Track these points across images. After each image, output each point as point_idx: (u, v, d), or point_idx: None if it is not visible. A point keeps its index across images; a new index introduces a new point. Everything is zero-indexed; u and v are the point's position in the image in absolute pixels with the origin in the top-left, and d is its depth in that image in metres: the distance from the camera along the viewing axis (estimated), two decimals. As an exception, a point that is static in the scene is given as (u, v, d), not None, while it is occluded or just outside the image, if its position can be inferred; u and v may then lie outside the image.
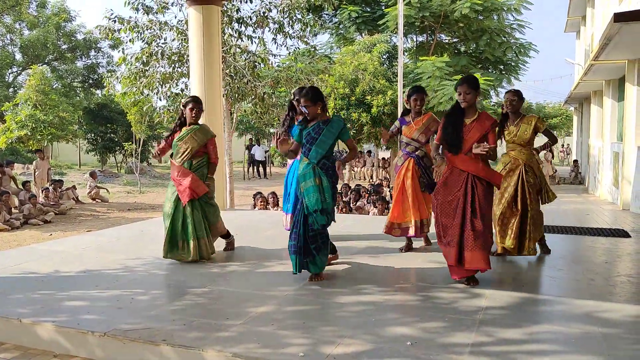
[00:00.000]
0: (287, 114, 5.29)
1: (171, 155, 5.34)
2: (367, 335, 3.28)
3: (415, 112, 5.40)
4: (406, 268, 4.94)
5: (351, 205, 11.63)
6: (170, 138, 5.30)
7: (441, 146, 4.45)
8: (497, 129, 4.64)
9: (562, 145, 35.56)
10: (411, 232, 5.37)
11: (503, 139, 5.29)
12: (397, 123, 5.54)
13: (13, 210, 12.06)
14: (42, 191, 13.33)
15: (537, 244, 5.26)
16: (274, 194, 11.64)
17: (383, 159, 23.68)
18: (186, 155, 5.14)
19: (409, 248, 5.61)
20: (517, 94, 5.18)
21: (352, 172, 22.69)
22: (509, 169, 5.12)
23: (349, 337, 3.25)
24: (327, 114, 4.56)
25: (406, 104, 5.50)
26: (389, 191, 12.68)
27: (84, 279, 4.61)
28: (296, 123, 4.68)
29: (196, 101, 5.21)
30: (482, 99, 18.10)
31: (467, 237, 4.15)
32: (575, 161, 21.71)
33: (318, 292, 4.21)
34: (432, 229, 4.93)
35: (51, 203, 12.90)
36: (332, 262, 4.99)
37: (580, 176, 20.56)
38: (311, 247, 4.38)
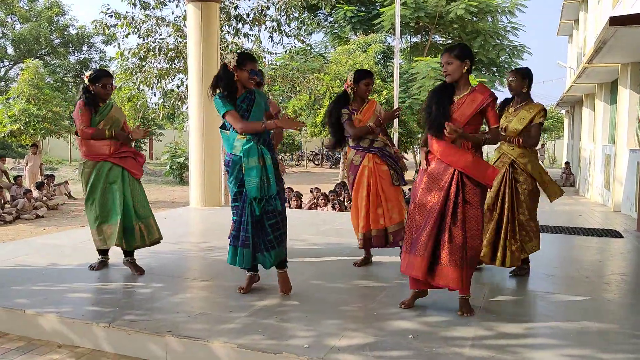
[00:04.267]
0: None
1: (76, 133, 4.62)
2: (369, 328, 3.32)
3: (360, 99, 4.80)
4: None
5: (345, 204, 11.67)
6: (86, 119, 4.52)
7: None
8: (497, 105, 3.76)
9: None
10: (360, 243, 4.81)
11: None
12: (346, 112, 4.76)
13: (5, 204, 12.00)
14: (35, 186, 13.26)
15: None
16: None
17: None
18: (114, 130, 4.59)
19: (366, 261, 4.95)
20: (516, 73, 4.43)
21: (345, 172, 22.72)
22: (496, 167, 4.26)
23: (351, 330, 3.29)
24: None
25: (347, 88, 4.80)
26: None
27: (83, 271, 4.61)
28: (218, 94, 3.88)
29: (111, 76, 4.68)
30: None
31: (442, 249, 3.43)
32: (567, 163, 21.83)
33: (318, 286, 4.26)
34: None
35: (44, 198, 12.84)
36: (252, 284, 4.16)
37: (572, 178, 20.70)
38: (268, 237, 3.84)
